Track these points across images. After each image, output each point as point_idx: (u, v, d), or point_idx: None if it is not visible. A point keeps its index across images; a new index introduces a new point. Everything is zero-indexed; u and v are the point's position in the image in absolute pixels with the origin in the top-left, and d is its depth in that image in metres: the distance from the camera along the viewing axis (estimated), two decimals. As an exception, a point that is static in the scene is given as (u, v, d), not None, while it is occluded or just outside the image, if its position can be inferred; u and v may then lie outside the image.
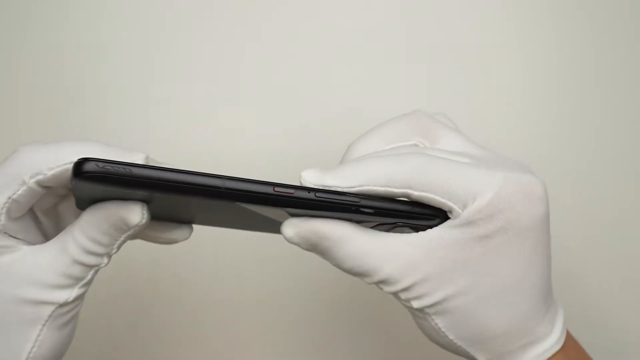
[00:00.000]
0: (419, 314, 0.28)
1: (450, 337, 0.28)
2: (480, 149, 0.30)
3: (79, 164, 0.24)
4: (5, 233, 0.28)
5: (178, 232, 0.30)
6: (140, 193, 0.26)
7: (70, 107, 0.47)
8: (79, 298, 0.29)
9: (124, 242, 0.28)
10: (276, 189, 0.26)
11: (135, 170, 0.25)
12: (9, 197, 0.27)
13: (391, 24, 0.47)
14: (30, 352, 0.28)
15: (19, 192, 0.27)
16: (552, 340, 0.29)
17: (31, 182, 0.27)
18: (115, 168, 0.24)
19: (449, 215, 0.27)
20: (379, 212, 0.27)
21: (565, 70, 0.47)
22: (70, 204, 0.30)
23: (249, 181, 0.26)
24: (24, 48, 0.47)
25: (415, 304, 0.28)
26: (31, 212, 0.29)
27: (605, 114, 0.47)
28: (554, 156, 0.47)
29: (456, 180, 0.26)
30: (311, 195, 0.26)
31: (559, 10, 0.47)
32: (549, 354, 0.29)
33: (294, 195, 0.26)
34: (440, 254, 0.27)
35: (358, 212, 0.26)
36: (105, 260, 0.28)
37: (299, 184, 0.27)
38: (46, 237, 0.30)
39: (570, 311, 0.33)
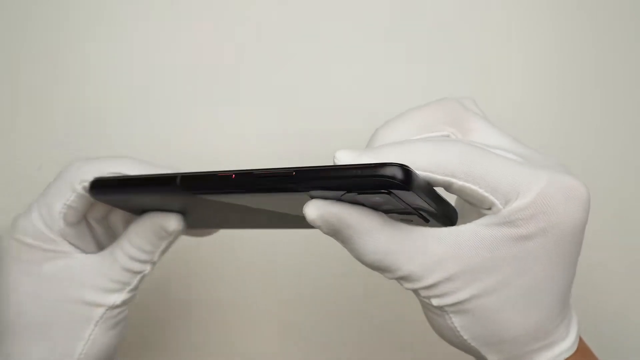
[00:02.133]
0: (436, 311, 0.27)
1: (465, 337, 0.27)
2: (518, 143, 0.29)
3: (92, 184, 0.30)
4: (65, 240, 0.31)
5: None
6: (172, 201, 0.29)
7: (70, 107, 0.47)
8: (127, 302, 0.32)
9: (164, 250, 0.32)
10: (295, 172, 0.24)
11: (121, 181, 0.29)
12: (64, 203, 0.31)
13: (391, 24, 0.47)
14: (83, 349, 0.31)
15: (72, 198, 0.31)
16: (567, 345, 0.28)
17: (79, 188, 0.31)
18: (109, 182, 0.29)
19: (485, 212, 0.26)
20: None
21: (565, 70, 0.47)
22: (119, 214, 0.34)
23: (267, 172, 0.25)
24: (24, 48, 0.48)
25: (435, 302, 0.26)
26: (85, 221, 0.33)
27: (605, 114, 0.47)
28: (553, 155, 0.47)
29: (502, 174, 0.25)
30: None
31: (559, 10, 0.47)
32: (562, 358, 0.28)
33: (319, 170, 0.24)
34: (470, 253, 0.25)
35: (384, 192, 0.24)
36: (148, 267, 0.32)
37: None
38: (99, 245, 0.34)
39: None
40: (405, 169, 0.23)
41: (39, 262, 0.31)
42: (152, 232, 0.31)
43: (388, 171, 0.23)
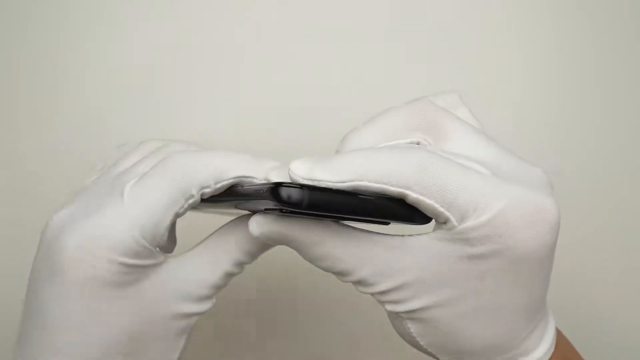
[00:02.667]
0: (394, 315, 0.27)
1: (422, 343, 0.27)
2: (496, 150, 0.26)
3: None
4: (158, 249, 0.27)
5: None
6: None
7: (70, 107, 0.47)
8: None
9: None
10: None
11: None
12: (176, 213, 0.26)
13: (391, 24, 0.47)
14: (179, 358, 0.28)
15: (185, 206, 0.26)
16: (539, 354, 0.27)
17: (197, 195, 0.26)
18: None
19: (442, 225, 0.25)
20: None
21: (565, 70, 0.47)
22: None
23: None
24: (24, 48, 0.47)
25: (389, 308, 0.26)
26: None
27: (605, 114, 0.47)
28: (553, 155, 0.47)
29: (460, 189, 0.23)
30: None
31: (559, 10, 0.47)
32: None
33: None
34: (422, 264, 0.25)
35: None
36: (240, 269, 0.29)
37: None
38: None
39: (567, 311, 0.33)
40: (288, 189, 0.22)
41: (138, 281, 0.26)
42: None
43: (271, 193, 0.22)
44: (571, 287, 0.47)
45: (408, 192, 0.24)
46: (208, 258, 0.28)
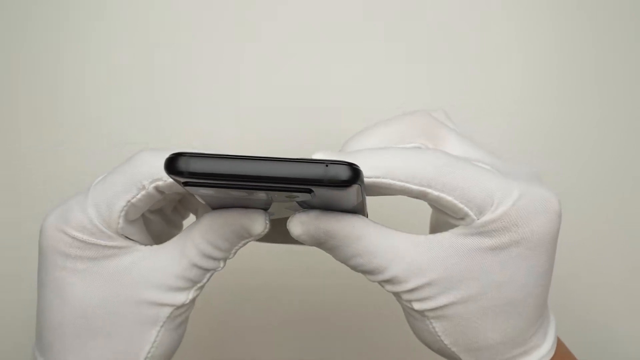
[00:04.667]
0: (418, 316, 0.28)
1: (446, 342, 0.28)
2: (491, 155, 0.29)
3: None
4: (123, 235, 0.28)
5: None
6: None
7: (70, 107, 0.47)
8: (193, 300, 0.29)
9: (241, 247, 0.28)
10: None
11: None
12: (128, 201, 0.27)
13: (391, 23, 0.47)
14: (149, 353, 0.28)
15: (138, 196, 0.27)
16: (545, 350, 0.28)
17: (150, 187, 0.27)
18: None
19: (458, 222, 0.26)
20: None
21: (565, 70, 0.47)
22: (171, 204, 0.31)
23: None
24: (24, 48, 0.47)
25: (417, 306, 0.27)
26: (143, 215, 0.30)
27: (605, 114, 0.47)
28: (553, 155, 0.47)
29: (476, 185, 0.25)
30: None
31: (559, 10, 0.47)
32: None
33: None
34: (449, 260, 0.26)
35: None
36: (222, 264, 0.28)
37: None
38: (155, 235, 0.31)
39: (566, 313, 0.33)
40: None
41: (97, 259, 0.27)
42: (232, 230, 0.27)
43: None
44: (570, 291, 0.47)
45: (429, 190, 0.25)
46: (175, 248, 0.28)
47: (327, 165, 0.21)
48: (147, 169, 0.27)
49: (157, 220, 0.31)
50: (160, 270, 0.28)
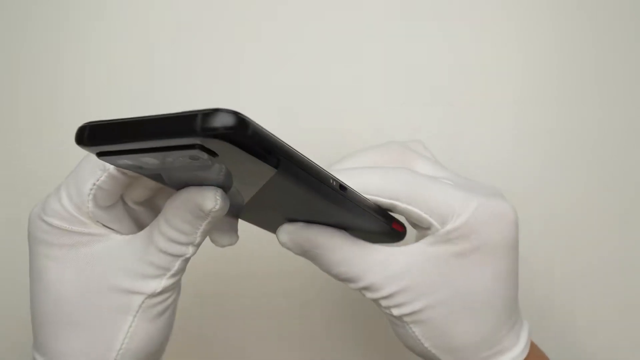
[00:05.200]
0: (398, 322, 0.30)
1: (426, 344, 0.30)
2: (455, 175, 0.32)
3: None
4: (98, 222, 0.28)
5: (221, 236, 0.30)
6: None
7: (70, 107, 0.47)
8: (170, 290, 0.29)
9: (206, 230, 0.27)
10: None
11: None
12: (94, 184, 0.27)
13: (391, 24, 0.47)
14: (122, 343, 0.28)
15: (102, 178, 0.27)
16: (517, 351, 0.31)
17: (112, 168, 0.27)
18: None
19: (427, 232, 0.29)
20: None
21: (565, 70, 0.47)
22: (165, 196, 0.30)
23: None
24: (24, 48, 0.48)
25: (395, 312, 0.29)
26: (125, 205, 0.30)
27: (605, 114, 0.47)
28: (553, 155, 0.47)
29: (439, 199, 0.29)
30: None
31: (559, 10, 0.47)
32: None
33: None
34: (419, 267, 0.29)
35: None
36: (191, 250, 0.28)
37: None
38: (143, 228, 0.30)
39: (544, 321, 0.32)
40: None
41: (71, 247, 0.28)
42: (188, 210, 0.26)
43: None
44: (572, 292, 0.47)
45: (397, 202, 0.29)
46: (145, 235, 0.28)
47: (205, 114, 0.20)
48: None
49: (147, 212, 0.31)
50: (131, 257, 0.28)
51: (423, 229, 0.30)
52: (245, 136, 0.20)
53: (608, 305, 0.47)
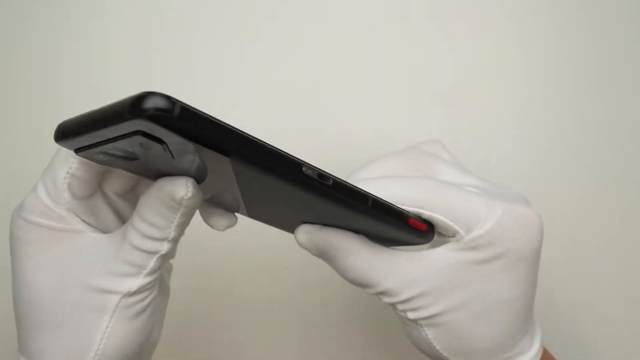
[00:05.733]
0: (412, 324, 0.30)
1: (438, 347, 0.30)
2: (477, 178, 0.32)
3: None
4: (76, 216, 0.28)
5: (217, 219, 0.30)
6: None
7: (70, 107, 0.47)
8: (147, 289, 0.28)
9: (181, 225, 0.27)
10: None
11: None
12: (68, 172, 0.27)
13: (391, 24, 0.47)
14: (100, 343, 0.27)
15: (75, 165, 0.27)
16: (531, 355, 0.31)
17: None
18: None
19: (450, 239, 0.29)
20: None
21: (565, 70, 0.47)
22: (147, 184, 0.29)
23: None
24: (24, 48, 0.48)
25: (411, 315, 0.29)
26: (103, 195, 0.29)
27: (605, 114, 0.47)
28: (553, 155, 0.47)
29: (464, 206, 0.28)
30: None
31: (559, 10, 0.47)
32: None
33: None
34: (440, 273, 0.29)
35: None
36: (166, 246, 0.27)
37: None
38: (124, 222, 0.30)
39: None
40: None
41: (48, 244, 0.27)
42: (160, 202, 0.26)
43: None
44: (574, 291, 0.47)
45: (422, 210, 0.28)
46: (120, 232, 0.28)
47: (135, 99, 0.20)
48: None
49: (129, 207, 0.31)
50: (106, 255, 0.27)
51: (445, 236, 0.29)
52: (174, 118, 0.20)
53: (609, 305, 0.47)
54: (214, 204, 0.29)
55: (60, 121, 0.24)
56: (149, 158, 0.23)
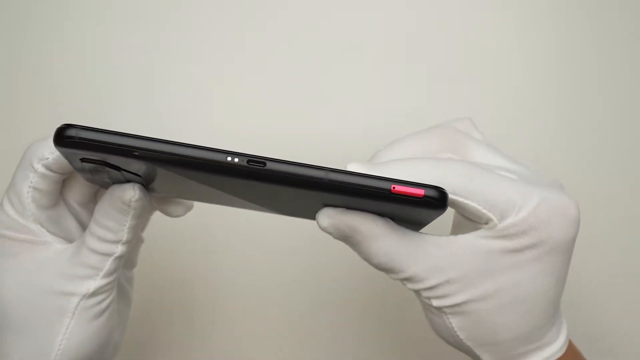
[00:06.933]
0: (436, 312, 0.29)
1: (461, 336, 0.29)
2: (513, 162, 0.30)
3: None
4: (42, 227, 0.29)
5: (173, 207, 0.31)
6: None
7: (70, 107, 0.47)
8: (105, 291, 0.30)
9: (132, 228, 0.29)
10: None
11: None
12: (29, 186, 0.29)
13: (391, 24, 0.47)
14: (60, 344, 0.29)
15: (35, 178, 0.29)
16: (557, 347, 0.30)
17: (39, 167, 0.29)
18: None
19: (481, 225, 0.28)
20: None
21: (565, 70, 0.47)
22: None
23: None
24: (24, 48, 0.47)
25: (436, 303, 0.28)
26: (66, 205, 0.31)
27: (605, 114, 0.47)
28: (553, 156, 0.47)
29: (498, 192, 0.27)
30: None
31: (559, 10, 0.47)
32: (553, 359, 0.30)
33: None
34: (467, 260, 0.27)
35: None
36: (119, 248, 0.29)
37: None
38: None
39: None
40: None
41: (16, 255, 0.29)
42: (112, 206, 0.28)
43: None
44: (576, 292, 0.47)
45: (455, 197, 0.27)
46: (81, 239, 0.30)
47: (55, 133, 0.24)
48: (33, 152, 0.29)
49: (88, 216, 0.32)
50: (66, 260, 0.29)
51: (476, 222, 0.28)
52: (71, 142, 0.24)
53: (610, 306, 0.47)
54: (194, 197, 0.31)
55: (60, 121, 0.25)
56: (105, 173, 0.27)
